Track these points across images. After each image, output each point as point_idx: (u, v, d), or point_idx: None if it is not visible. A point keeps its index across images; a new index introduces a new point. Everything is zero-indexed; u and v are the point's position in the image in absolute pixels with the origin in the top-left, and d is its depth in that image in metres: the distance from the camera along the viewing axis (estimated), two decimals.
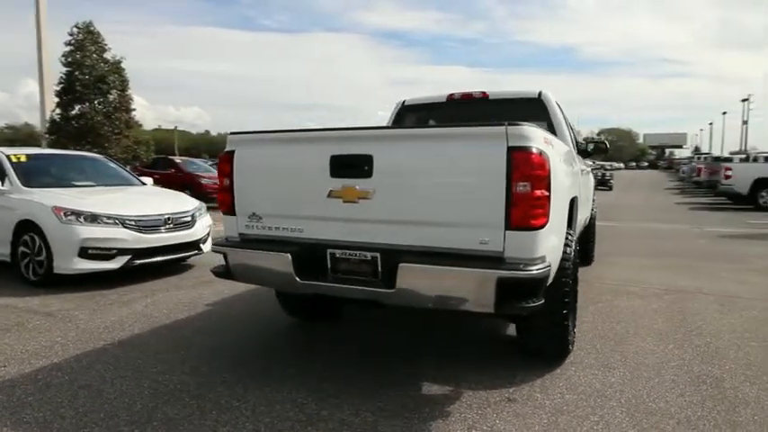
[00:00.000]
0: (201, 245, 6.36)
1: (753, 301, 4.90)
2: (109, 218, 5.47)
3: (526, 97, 4.72)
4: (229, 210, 3.26)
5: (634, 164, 75.35)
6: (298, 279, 2.92)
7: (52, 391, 2.98)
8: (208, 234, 6.55)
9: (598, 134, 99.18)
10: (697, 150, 67.02)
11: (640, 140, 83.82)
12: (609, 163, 57.86)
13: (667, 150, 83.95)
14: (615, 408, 2.78)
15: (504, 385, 3.05)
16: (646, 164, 78.75)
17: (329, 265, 2.97)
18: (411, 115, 5.18)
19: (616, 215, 12.93)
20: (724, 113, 71.89)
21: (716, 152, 45.92)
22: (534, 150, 2.48)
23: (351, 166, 2.82)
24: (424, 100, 5.20)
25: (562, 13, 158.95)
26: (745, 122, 57.43)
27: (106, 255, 5.40)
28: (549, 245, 2.67)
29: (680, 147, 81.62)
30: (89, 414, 2.70)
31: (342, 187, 2.84)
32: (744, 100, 57.28)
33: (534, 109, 4.61)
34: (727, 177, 15.18)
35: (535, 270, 2.49)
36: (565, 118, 4.79)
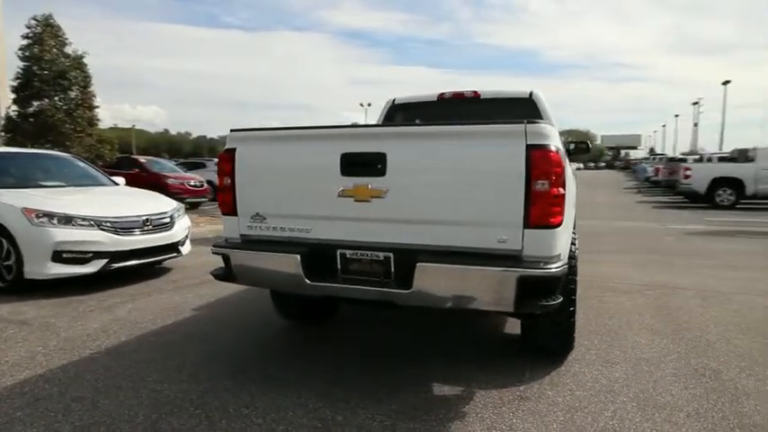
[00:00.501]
0: (180, 247, 6.15)
1: (730, 294, 5.09)
2: (84, 219, 5.21)
3: (518, 97, 4.76)
4: (230, 210, 3.14)
5: (592, 164, 77.66)
6: (307, 281, 2.84)
7: (43, 404, 2.79)
8: (186, 236, 6.33)
9: None
10: (652, 151, 69.76)
11: (598, 141, 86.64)
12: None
13: (623, 151, 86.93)
14: (626, 403, 2.82)
15: (513, 384, 3.06)
16: (603, 164, 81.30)
17: (339, 266, 2.90)
18: (401, 114, 5.15)
19: (584, 213, 13.25)
20: (676, 116, 75.07)
21: (669, 153, 47.96)
22: (552, 148, 2.48)
23: (363, 165, 2.75)
24: (415, 99, 5.18)
25: (524, 18, 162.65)
26: (695, 125, 60.22)
27: (82, 258, 5.13)
28: (564, 243, 2.68)
29: (635, 148, 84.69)
30: (89, 428, 2.54)
31: (353, 186, 2.77)
32: (694, 103, 59.99)
33: (526, 108, 4.66)
34: (687, 177, 15.81)
35: (554, 268, 2.49)
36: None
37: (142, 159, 16.71)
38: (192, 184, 15.81)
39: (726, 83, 42.64)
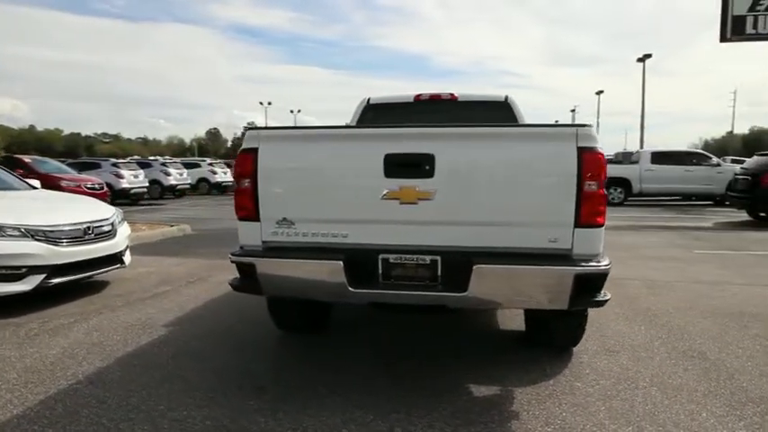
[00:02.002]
0: (123, 257, 5.52)
1: (672, 283, 5.69)
2: (14, 229, 4.48)
3: (494, 100, 4.92)
4: (250, 215, 2.89)
5: None
6: (350, 288, 2.70)
7: None
8: (128, 245, 5.71)
9: None
10: None
11: None
12: None
13: None
14: (647, 388, 3.03)
15: (541, 379, 3.15)
16: None
17: (380, 272, 2.79)
18: (376, 114, 5.07)
19: None
20: (556, 122, 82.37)
21: None
22: (600, 150, 2.60)
23: (409, 166, 2.68)
24: (390, 99, 5.15)
25: (416, 23, 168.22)
26: None
27: (14, 275, 4.41)
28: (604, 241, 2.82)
29: None
30: None
31: (399, 188, 2.68)
32: (572, 110, 66.12)
33: (502, 112, 4.83)
34: None
35: (603, 265, 2.61)
36: None
37: (27, 159, 14.79)
38: (89, 186, 14.28)
39: (599, 92, 47.54)
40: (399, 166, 2.68)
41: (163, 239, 9.20)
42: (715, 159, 16.90)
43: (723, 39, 13.53)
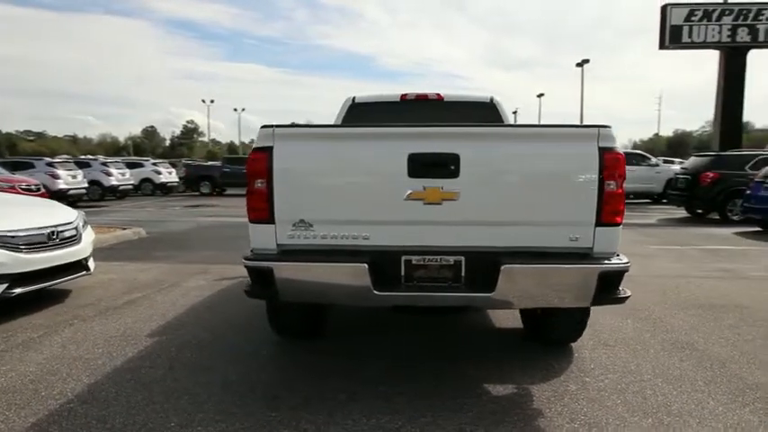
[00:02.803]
0: (89, 264, 5.15)
1: (639, 278, 5.92)
2: None
3: (479, 101, 4.97)
4: (264, 217, 2.76)
5: None
6: (375, 291, 2.63)
7: None
8: (91, 251, 5.33)
9: None
10: None
11: None
12: None
13: None
14: (653, 380, 3.15)
15: (552, 376, 3.20)
16: None
17: (403, 273, 2.74)
18: (362, 113, 5.00)
19: None
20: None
21: None
22: (619, 151, 2.67)
23: (435, 166, 2.65)
24: (376, 98, 5.09)
25: (361, 24, 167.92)
26: None
27: None
28: None
29: None
30: None
31: (424, 188, 2.64)
32: (514, 112, 68.38)
33: (488, 112, 4.89)
34: None
35: (624, 263, 2.68)
36: None
37: None
38: (24, 187, 13.28)
39: (540, 95, 49.45)
40: (424, 165, 2.64)
41: (117, 243, 8.66)
42: (654, 159, 17.97)
43: (662, 46, 14.46)
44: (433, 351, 3.66)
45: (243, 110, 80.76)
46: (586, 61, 32.49)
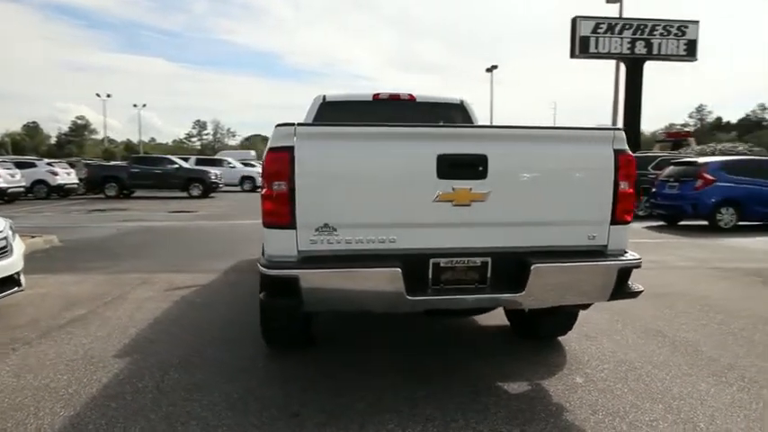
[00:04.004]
0: (21, 279, 4.51)
1: None
2: None
3: (450, 102, 5.02)
4: (285, 222, 2.56)
5: None
6: (408, 296, 2.55)
7: None
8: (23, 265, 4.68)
9: None
10: None
11: None
12: None
13: None
14: (644, 367, 3.37)
15: (556, 371, 3.31)
16: None
17: (430, 276, 2.68)
18: (333, 112, 4.86)
19: None
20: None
21: None
22: (631, 153, 2.82)
23: (464, 167, 2.62)
24: (347, 97, 4.98)
25: (266, 20, 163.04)
26: None
27: None
28: None
29: None
30: None
31: (453, 190, 2.60)
32: None
33: (457, 113, 4.97)
34: None
35: (637, 259, 2.83)
36: None
37: None
38: None
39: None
40: (453, 166, 2.60)
41: (30, 253, 7.66)
42: None
43: (572, 55, 15.65)
44: (432, 353, 3.63)
45: (144, 106, 75.59)
46: (495, 67, 34.25)
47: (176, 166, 21.20)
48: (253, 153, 44.94)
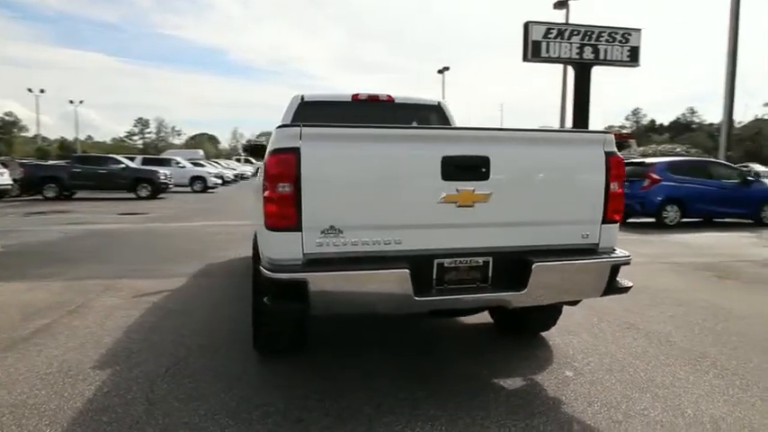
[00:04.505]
0: None
1: None
2: None
3: (428, 104, 5.08)
4: (290, 224, 2.52)
5: None
6: (416, 297, 2.57)
7: None
8: None
9: (258, 136, 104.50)
10: None
11: None
12: None
13: None
14: (626, 359, 3.54)
15: (546, 366, 3.42)
16: None
17: (434, 277, 2.71)
18: (311, 112, 4.80)
19: None
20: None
21: None
22: (620, 155, 2.95)
23: (467, 168, 2.67)
24: (326, 97, 4.93)
25: (212, 16, 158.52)
26: None
27: None
28: None
29: None
30: None
31: (457, 191, 2.64)
32: None
33: (435, 115, 5.03)
34: None
35: (627, 256, 2.97)
36: None
37: None
38: None
39: None
40: (457, 168, 2.64)
41: None
42: None
43: (525, 59, 16.18)
44: (422, 352, 3.66)
45: (81, 102, 71.78)
46: (447, 69, 34.83)
47: (122, 165, 20.25)
48: (201, 152, 43.58)
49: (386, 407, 2.80)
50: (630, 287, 2.99)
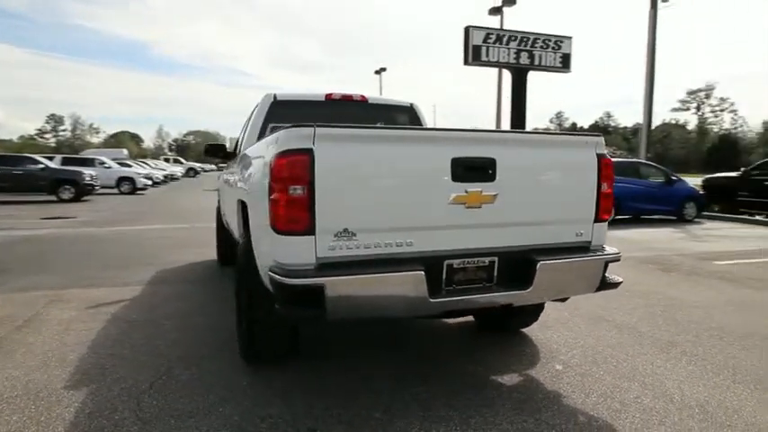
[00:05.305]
0: None
1: None
2: None
3: (401, 105, 5.08)
4: (303, 228, 2.43)
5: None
6: (430, 299, 2.56)
7: None
8: None
9: (185, 135, 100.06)
10: None
11: (227, 143, 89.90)
12: (200, 165, 59.54)
13: None
14: (606, 350, 3.73)
15: (536, 361, 3.53)
16: None
17: (444, 278, 2.72)
18: (284, 111, 4.66)
19: None
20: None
21: None
22: (609, 157, 3.10)
23: (476, 170, 2.70)
24: (299, 96, 4.81)
25: (132, 7, 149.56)
26: None
27: None
28: None
29: None
30: None
31: (466, 192, 2.67)
32: None
33: (408, 116, 5.05)
34: None
35: (617, 253, 3.12)
36: None
37: None
38: None
39: None
40: (466, 169, 2.67)
41: None
42: None
43: (466, 62, 16.62)
44: (414, 353, 3.66)
45: None
46: (383, 69, 35.06)
47: (41, 165, 18.67)
48: (125, 152, 41.07)
49: (395, 410, 2.77)
50: (621, 282, 3.15)
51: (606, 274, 3.09)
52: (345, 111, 4.85)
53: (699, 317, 4.55)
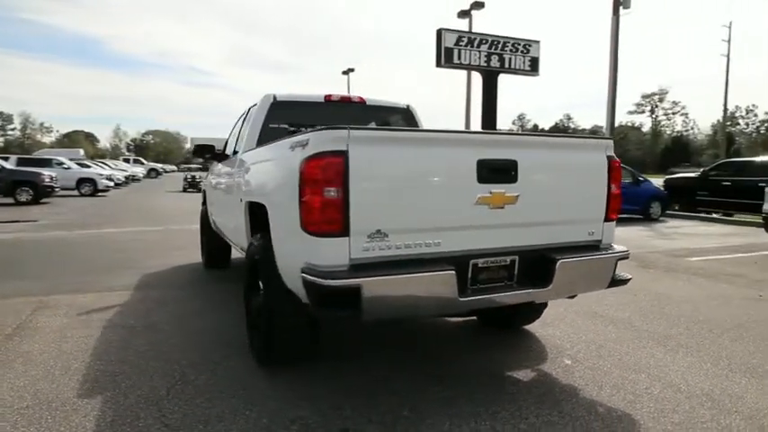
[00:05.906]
0: None
1: None
2: None
3: (398, 107, 5.14)
4: (336, 229, 2.45)
5: (185, 167, 78.22)
6: (460, 298, 2.62)
7: None
8: None
9: (144, 135, 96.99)
10: None
11: (188, 144, 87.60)
12: (161, 165, 57.99)
13: None
14: (607, 344, 3.88)
15: (544, 357, 3.64)
16: (197, 166, 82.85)
17: (470, 276, 2.78)
18: (284, 112, 4.64)
19: None
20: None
21: None
22: (617, 159, 3.24)
23: (499, 171, 2.78)
24: (298, 97, 4.79)
25: (85, 0, 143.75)
26: None
27: None
28: None
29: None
30: None
31: (490, 193, 2.74)
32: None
33: (405, 117, 5.12)
34: None
35: (627, 250, 3.25)
36: None
37: None
38: None
39: None
40: (490, 171, 2.74)
41: None
42: None
43: (438, 65, 16.82)
44: (420, 352, 3.71)
45: None
46: (351, 70, 35.02)
47: None
48: (82, 152, 39.51)
49: (422, 408, 2.81)
50: (630, 279, 3.28)
51: (616, 272, 3.22)
52: (344, 112, 4.87)
53: (687, 311, 4.78)
